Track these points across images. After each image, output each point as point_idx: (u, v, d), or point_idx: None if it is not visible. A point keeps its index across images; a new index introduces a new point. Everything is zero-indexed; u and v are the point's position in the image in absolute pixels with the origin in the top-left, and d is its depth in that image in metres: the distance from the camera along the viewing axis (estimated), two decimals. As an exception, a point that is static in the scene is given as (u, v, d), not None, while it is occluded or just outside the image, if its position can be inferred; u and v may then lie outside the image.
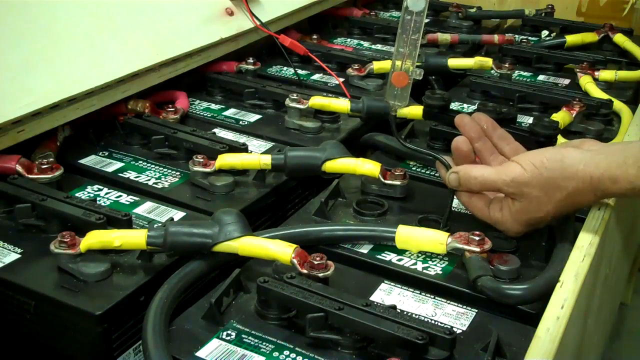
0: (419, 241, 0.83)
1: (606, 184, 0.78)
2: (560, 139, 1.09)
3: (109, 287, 0.77)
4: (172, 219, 0.87)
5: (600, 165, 0.78)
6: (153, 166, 1.03)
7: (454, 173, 0.87)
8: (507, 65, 1.35)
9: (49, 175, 0.93)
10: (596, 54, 1.50)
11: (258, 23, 1.35)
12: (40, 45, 1.04)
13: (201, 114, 1.22)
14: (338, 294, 0.71)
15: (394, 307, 0.72)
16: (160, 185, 0.98)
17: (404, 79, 0.87)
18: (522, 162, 0.82)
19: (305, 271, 0.76)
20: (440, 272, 0.83)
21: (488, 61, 1.36)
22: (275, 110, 1.23)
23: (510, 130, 1.07)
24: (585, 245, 0.79)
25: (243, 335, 0.72)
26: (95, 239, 0.79)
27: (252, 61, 1.33)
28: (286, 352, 0.70)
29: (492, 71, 1.36)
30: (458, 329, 0.74)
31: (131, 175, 1.01)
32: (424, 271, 0.83)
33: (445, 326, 0.73)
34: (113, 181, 1.00)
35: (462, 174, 0.87)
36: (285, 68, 1.41)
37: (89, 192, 0.96)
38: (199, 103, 1.26)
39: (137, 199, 0.95)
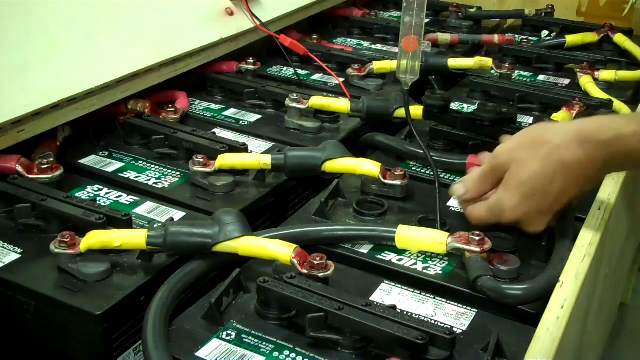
0: (419, 241, 0.83)
1: (591, 132, 0.77)
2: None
3: (109, 287, 0.77)
4: (172, 219, 0.87)
5: (587, 120, 0.80)
6: (153, 166, 1.03)
7: (459, 182, 0.88)
8: (507, 65, 1.35)
9: (49, 175, 0.93)
10: (596, 54, 1.50)
11: (258, 23, 1.35)
12: (40, 45, 1.04)
13: (201, 114, 1.22)
14: (338, 294, 0.71)
15: (394, 307, 0.72)
16: (160, 185, 0.98)
17: (414, 43, 0.87)
18: (512, 137, 0.85)
19: (305, 271, 0.76)
20: (440, 272, 0.83)
21: (488, 61, 1.36)
22: (275, 110, 1.23)
23: (510, 130, 1.07)
24: (585, 245, 0.79)
25: (243, 335, 0.72)
26: (95, 239, 0.79)
27: (252, 61, 1.33)
28: (286, 352, 0.70)
29: (492, 71, 1.36)
30: (458, 329, 0.74)
31: (131, 175, 1.01)
32: (424, 271, 0.83)
33: (445, 326, 0.73)
34: (113, 181, 0.99)
35: (464, 178, 0.88)
36: (285, 68, 1.41)
37: (89, 192, 0.96)
38: (199, 103, 1.26)
39: (137, 199, 0.95)
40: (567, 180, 0.80)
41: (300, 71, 1.39)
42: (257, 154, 1.01)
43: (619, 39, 1.53)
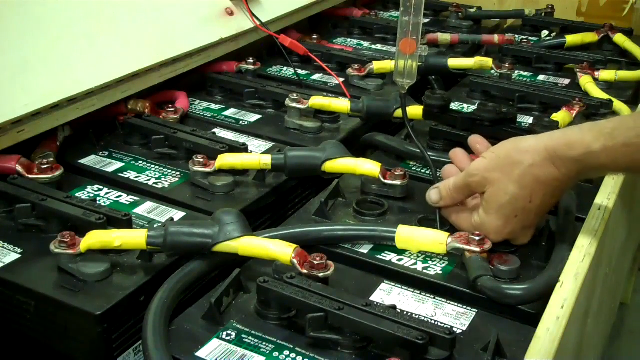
0: (419, 241, 0.83)
1: (562, 150, 0.78)
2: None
3: (109, 287, 0.77)
4: (172, 219, 0.87)
5: (555, 136, 0.79)
6: (153, 166, 1.03)
7: (434, 188, 0.89)
8: (507, 65, 1.35)
9: (49, 175, 0.93)
10: (596, 54, 1.50)
11: (258, 23, 1.35)
12: (40, 45, 1.04)
13: (201, 114, 1.22)
14: (338, 294, 0.71)
15: (394, 307, 0.72)
16: (160, 185, 0.98)
17: (412, 45, 0.87)
18: (484, 154, 0.85)
19: (305, 271, 0.76)
20: (440, 272, 0.83)
21: (488, 61, 1.36)
22: (275, 110, 1.23)
23: (511, 130, 1.07)
24: (585, 245, 0.79)
25: (243, 335, 0.72)
26: (95, 239, 0.79)
27: (252, 61, 1.33)
28: (286, 352, 0.70)
29: (492, 71, 1.36)
30: (458, 329, 0.74)
31: (131, 175, 1.01)
32: (424, 271, 0.83)
33: (445, 326, 0.73)
34: (113, 181, 0.99)
35: (441, 185, 0.89)
36: (285, 68, 1.41)
37: (89, 192, 0.96)
38: (199, 103, 1.26)
39: (137, 199, 0.95)
40: (545, 195, 0.81)
41: (300, 71, 1.39)
42: (257, 154, 1.01)
43: (619, 39, 1.53)
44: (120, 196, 0.95)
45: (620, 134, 0.75)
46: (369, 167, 0.96)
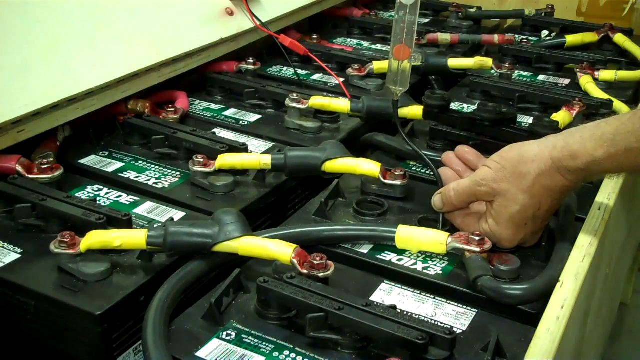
0: (419, 241, 0.83)
1: (567, 161, 0.79)
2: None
3: (109, 287, 0.77)
4: (172, 219, 0.87)
5: (558, 145, 0.80)
6: (153, 166, 1.03)
7: (438, 194, 0.90)
8: (507, 65, 1.35)
9: (49, 175, 0.93)
10: (596, 54, 1.50)
11: (258, 23, 1.35)
12: (40, 45, 1.04)
13: (201, 114, 1.22)
14: (338, 294, 0.71)
15: (394, 307, 0.72)
16: (160, 185, 0.98)
17: (405, 51, 0.87)
18: (487, 162, 0.85)
19: (305, 271, 0.76)
20: (440, 272, 0.83)
21: (488, 61, 1.36)
22: (275, 110, 1.23)
23: (510, 130, 1.07)
24: (585, 245, 0.79)
25: (243, 335, 0.72)
26: (95, 239, 0.79)
27: (252, 61, 1.33)
28: (286, 352, 0.70)
29: (492, 71, 1.36)
30: (458, 329, 0.74)
31: (131, 175, 1.01)
32: (424, 271, 0.83)
33: (445, 326, 0.73)
34: (113, 181, 1.00)
35: (443, 191, 0.89)
36: (285, 68, 1.41)
37: (89, 192, 0.96)
38: (199, 103, 1.26)
39: (137, 199, 0.95)
40: (553, 200, 0.83)
41: (300, 71, 1.39)
42: (257, 154, 1.01)
43: (619, 39, 1.53)
44: (120, 196, 0.95)
45: (621, 140, 0.76)
46: (369, 167, 0.96)
